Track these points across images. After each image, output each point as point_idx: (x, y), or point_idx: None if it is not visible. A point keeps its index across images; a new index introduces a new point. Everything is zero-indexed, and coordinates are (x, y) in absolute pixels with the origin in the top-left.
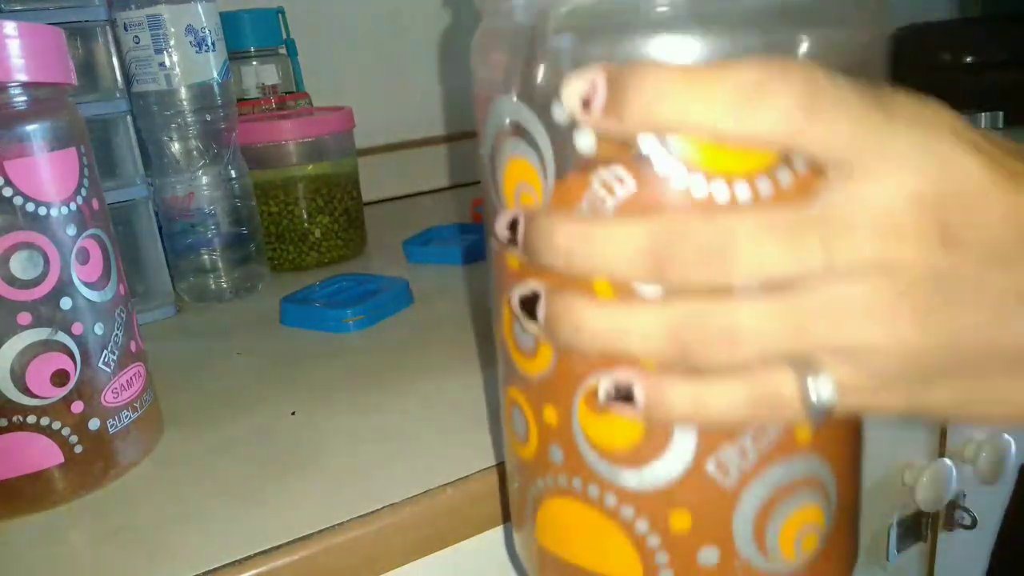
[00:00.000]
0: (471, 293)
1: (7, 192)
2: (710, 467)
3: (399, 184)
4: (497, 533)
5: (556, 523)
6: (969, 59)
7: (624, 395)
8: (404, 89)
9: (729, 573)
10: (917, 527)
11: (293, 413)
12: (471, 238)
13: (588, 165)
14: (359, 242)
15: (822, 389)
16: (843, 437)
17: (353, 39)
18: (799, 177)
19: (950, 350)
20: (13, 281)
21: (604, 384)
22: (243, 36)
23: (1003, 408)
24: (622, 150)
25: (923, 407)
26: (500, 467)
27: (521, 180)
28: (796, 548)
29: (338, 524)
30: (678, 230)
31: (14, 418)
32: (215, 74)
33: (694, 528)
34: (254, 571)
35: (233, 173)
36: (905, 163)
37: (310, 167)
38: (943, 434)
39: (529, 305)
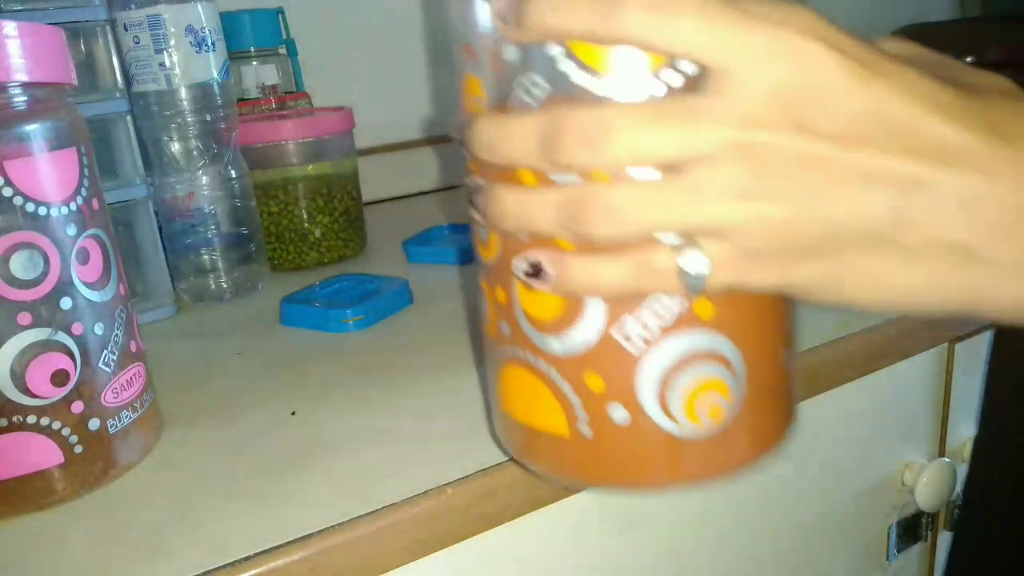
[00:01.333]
0: (471, 293)
1: (7, 192)
2: (616, 336)
3: (399, 184)
4: (497, 533)
5: (508, 388)
6: (969, 59)
7: (536, 271)
8: (404, 89)
9: (639, 431)
10: (917, 527)
11: (293, 413)
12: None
13: (516, 74)
14: (359, 242)
15: (695, 263)
16: (748, 318)
17: (353, 39)
18: (687, 77)
19: (810, 227)
20: (13, 281)
21: (518, 261)
22: (243, 36)
23: (868, 289)
24: (538, 59)
25: (794, 284)
26: (500, 467)
27: (472, 93)
28: (701, 415)
29: (338, 524)
30: (563, 120)
31: (14, 418)
32: (215, 74)
33: (605, 389)
34: (254, 571)
35: (233, 173)
36: (761, 58)
37: (310, 167)
38: (943, 434)
39: (473, 196)
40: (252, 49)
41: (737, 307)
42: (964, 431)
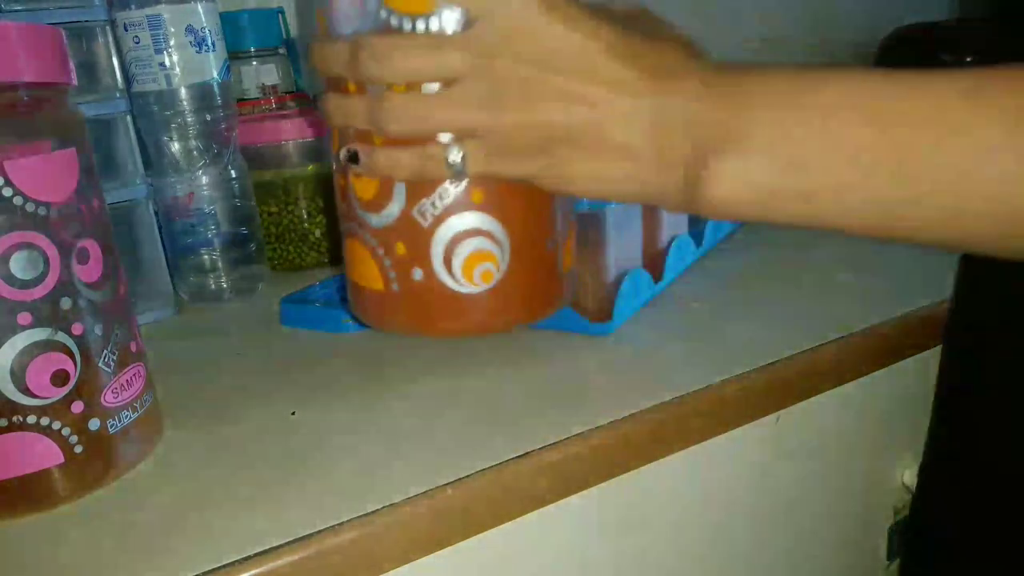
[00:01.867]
0: None
1: (7, 192)
2: (414, 213)
3: None
4: (497, 533)
5: (349, 257)
6: (969, 59)
7: (353, 157)
8: None
9: (432, 287)
10: None
11: (293, 413)
12: None
13: (347, 14)
14: None
15: (455, 156)
16: (512, 205)
17: None
18: (464, 19)
19: (530, 130)
20: (13, 281)
21: (342, 151)
22: (243, 36)
23: (578, 180)
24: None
25: (528, 174)
26: (500, 467)
27: (320, 27)
28: (475, 277)
29: (338, 524)
30: (362, 44)
31: (14, 418)
32: (215, 74)
33: (407, 254)
34: (254, 571)
35: (233, 173)
36: (494, 9)
37: (310, 167)
38: None
39: (318, 103)
40: (252, 49)
41: (503, 196)
42: None
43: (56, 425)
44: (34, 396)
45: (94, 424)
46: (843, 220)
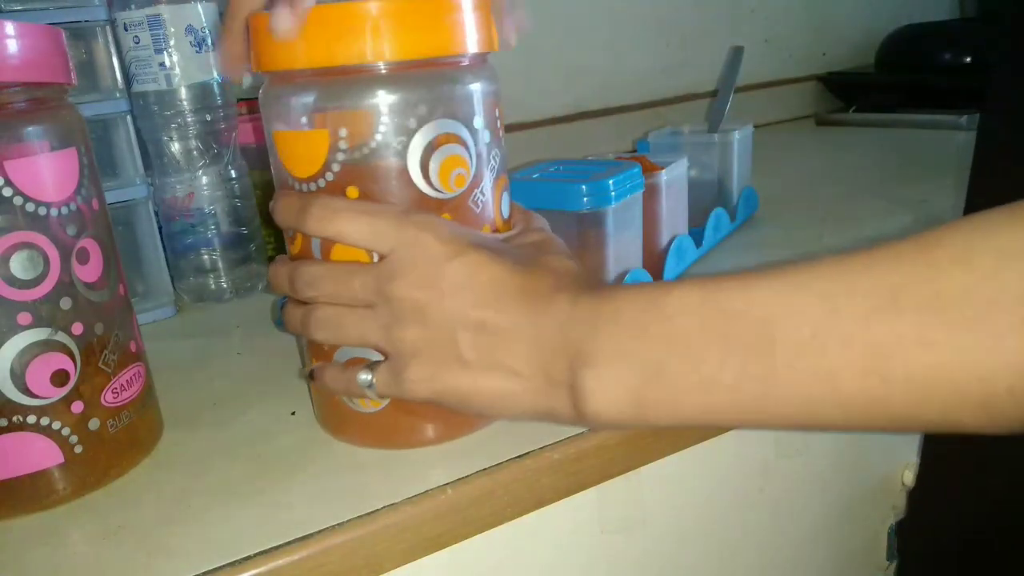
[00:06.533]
0: None
1: (7, 192)
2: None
3: None
4: (497, 533)
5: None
6: (969, 59)
7: (311, 375)
8: None
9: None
10: None
11: (293, 413)
12: None
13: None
14: None
15: (364, 378)
16: None
17: None
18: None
19: (426, 349)
20: (13, 281)
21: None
22: None
23: (467, 398)
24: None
25: (428, 395)
26: (500, 467)
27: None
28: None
29: (338, 524)
30: (296, 270)
31: (14, 418)
32: (215, 74)
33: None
34: (254, 571)
35: (233, 173)
36: (397, 245)
37: None
38: None
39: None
40: None
41: None
42: None
43: (56, 425)
44: (34, 396)
45: (94, 424)
46: (712, 418)
